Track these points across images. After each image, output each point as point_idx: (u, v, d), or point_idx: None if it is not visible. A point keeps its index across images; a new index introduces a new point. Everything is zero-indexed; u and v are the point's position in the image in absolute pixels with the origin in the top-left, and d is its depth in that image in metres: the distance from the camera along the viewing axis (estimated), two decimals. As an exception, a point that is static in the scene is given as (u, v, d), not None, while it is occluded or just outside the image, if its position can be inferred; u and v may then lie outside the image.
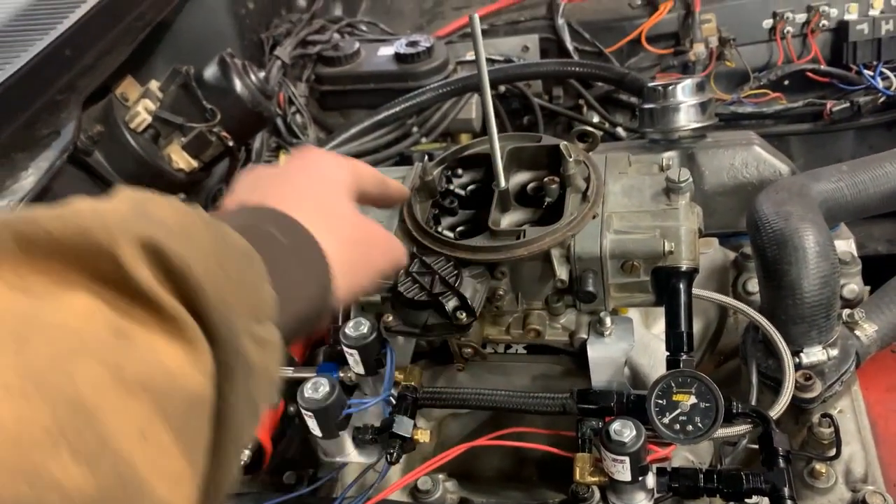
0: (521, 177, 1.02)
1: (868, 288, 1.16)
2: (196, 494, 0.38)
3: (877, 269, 1.19)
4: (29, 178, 1.00)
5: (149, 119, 1.22)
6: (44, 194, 1.04)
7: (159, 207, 0.42)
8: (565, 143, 0.95)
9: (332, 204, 0.63)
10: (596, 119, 1.81)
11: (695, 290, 0.93)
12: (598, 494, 0.95)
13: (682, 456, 1.02)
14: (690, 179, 0.91)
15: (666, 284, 0.90)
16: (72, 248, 0.36)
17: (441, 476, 1.02)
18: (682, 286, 0.89)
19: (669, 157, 0.99)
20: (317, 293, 0.55)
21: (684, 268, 0.89)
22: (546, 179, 0.97)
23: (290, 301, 0.50)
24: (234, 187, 0.65)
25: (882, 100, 1.70)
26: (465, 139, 1.74)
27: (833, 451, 0.94)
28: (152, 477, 0.34)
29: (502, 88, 1.80)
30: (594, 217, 0.92)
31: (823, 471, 0.94)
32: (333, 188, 0.65)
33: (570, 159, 0.92)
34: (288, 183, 0.62)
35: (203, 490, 0.39)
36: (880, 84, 1.70)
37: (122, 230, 0.37)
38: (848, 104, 1.71)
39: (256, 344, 0.43)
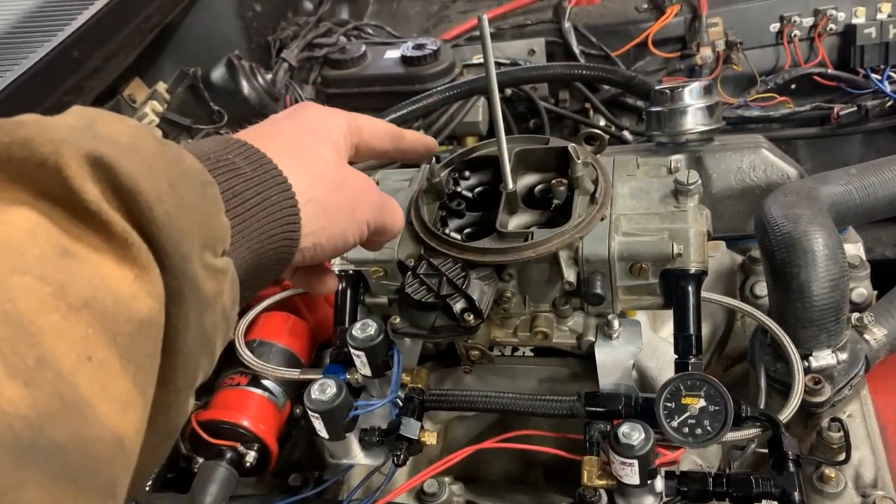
0: (528, 179, 1.02)
1: (876, 292, 1.16)
2: (143, 422, 0.37)
3: (884, 274, 1.19)
4: (36, 179, 1.00)
5: (156, 120, 1.22)
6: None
7: (109, 123, 0.40)
8: (573, 144, 0.95)
9: (311, 145, 0.59)
10: (602, 123, 1.81)
11: (703, 293, 0.92)
12: (605, 498, 0.95)
13: (690, 460, 1.01)
14: (699, 182, 0.90)
15: (674, 287, 0.90)
16: (14, 161, 0.35)
17: (447, 479, 1.02)
18: (690, 289, 0.89)
19: (677, 159, 0.98)
20: (281, 228, 0.51)
21: (693, 270, 0.88)
22: (554, 181, 0.97)
23: (250, 234, 0.48)
24: None
25: (889, 104, 1.69)
26: (471, 142, 1.74)
27: (842, 456, 0.93)
28: (96, 399, 0.33)
29: (508, 92, 1.80)
30: (602, 219, 0.91)
31: (833, 475, 0.93)
32: (317, 134, 0.61)
33: (579, 161, 0.92)
34: (269, 124, 0.60)
35: (151, 419, 0.38)
36: (888, 88, 1.69)
37: (68, 143, 0.35)
38: (855, 108, 1.70)
39: (209, 273, 0.41)
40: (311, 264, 0.62)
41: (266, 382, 1.10)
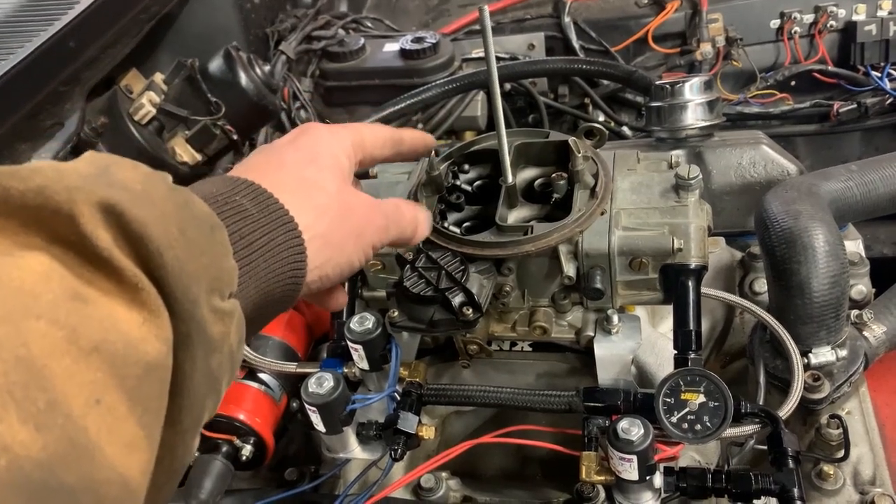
0: (528, 173, 1.02)
1: (874, 290, 1.16)
2: (150, 463, 0.37)
3: (883, 272, 1.19)
4: (32, 169, 1.00)
5: (153, 111, 1.21)
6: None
7: (122, 170, 0.41)
8: (574, 138, 0.94)
9: (315, 176, 0.60)
10: (601, 118, 1.80)
11: (703, 289, 0.92)
12: (602, 494, 0.95)
13: (688, 456, 1.01)
14: (700, 176, 0.90)
15: (674, 282, 0.89)
16: (30, 207, 0.35)
17: (444, 474, 1.02)
18: (690, 284, 0.88)
19: (678, 154, 0.97)
20: (287, 267, 0.53)
21: (693, 265, 0.88)
22: (554, 175, 0.96)
23: (257, 275, 0.49)
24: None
25: (889, 101, 1.69)
26: (469, 137, 1.73)
27: (841, 453, 0.93)
28: (104, 442, 0.34)
29: (507, 87, 1.79)
30: (602, 213, 0.91)
31: (831, 472, 0.93)
32: (321, 161, 0.62)
33: (579, 155, 0.91)
34: (274, 154, 0.61)
35: (158, 459, 0.38)
36: (888, 85, 1.69)
37: (81, 191, 0.36)
38: (855, 105, 1.70)
39: (216, 316, 0.42)
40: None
41: (262, 376, 1.10)
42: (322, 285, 0.59)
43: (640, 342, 0.92)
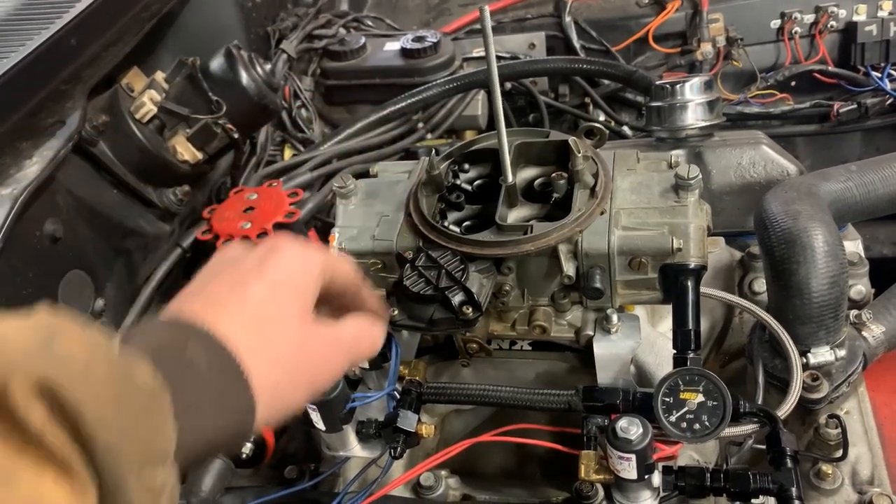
0: (528, 172, 1.02)
1: (873, 290, 1.16)
2: None
3: (882, 272, 1.19)
4: (33, 167, 1.00)
5: (154, 110, 1.21)
6: (48, 183, 1.03)
7: (68, 341, 0.41)
8: (574, 138, 0.94)
9: (276, 314, 0.58)
10: (602, 118, 1.80)
11: (702, 289, 0.92)
12: (601, 493, 0.95)
13: (687, 455, 1.01)
14: (700, 176, 0.90)
15: (674, 282, 0.90)
16: None
17: (444, 472, 1.02)
18: (690, 284, 0.89)
19: (678, 154, 0.98)
20: (234, 421, 0.52)
21: (692, 265, 0.88)
22: (554, 175, 0.96)
23: (201, 429, 0.49)
24: (202, 269, 0.62)
25: (889, 101, 1.69)
26: (470, 136, 1.73)
27: (839, 453, 0.93)
28: None
29: (508, 86, 1.79)
30: (602, 213, 0.91)
31: (830, 472, 0.93)
32: (285, 293, 0.59)
33: (579, 154, 0.91)
34: (237, 284, 0.58)
35: None
36: (888, 86, 1.69)
37: (18, 367, 0.37)
38: (855, 105, 1.70)
39: (148, 491, 0.42)
40: None
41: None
42: (269, 425, 0.58)
43: (640, 341, 0.92)
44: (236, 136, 1.26)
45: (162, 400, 0.45)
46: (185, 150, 1.24)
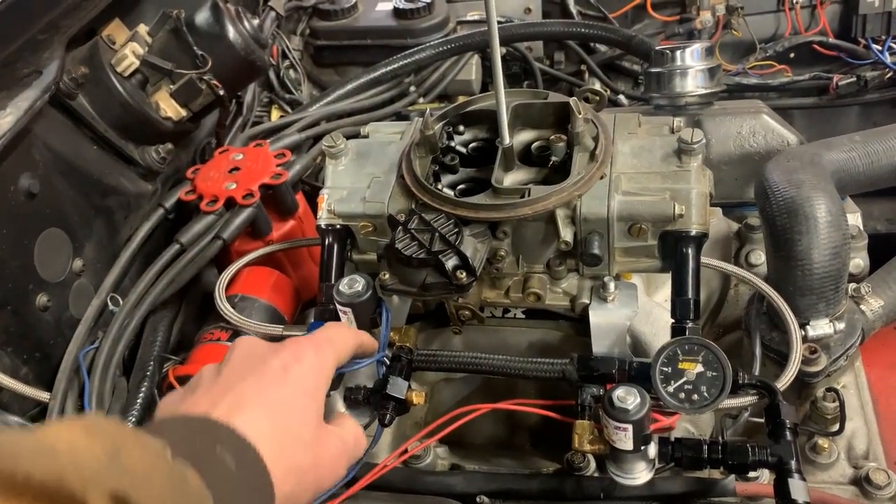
0: (525, 135, 0.98)
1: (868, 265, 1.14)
2: None
3: (877, 248, 1.17)
4: (7, 118, 0.95)
5: (136, 63, 1.16)
6: (23, 135, 0.98)
7: (131, 456, 0.47)
8: (574, 99, 0.91)
9: (297, 422, 0.64)
10: (598, 86, 1.75)
11: (703, 258, 0.89)
12: (593, 464, 0.93)
13: (682, 427, 0.99)
14: (703, 141, 0.87)
15: (673, 249, 0.87)
16: (48, 490, 0.41)
17: (432, 442, 1.00)
18: (690, 251, 0.86)
19: (679, 119, 0.95)
20: None
21: (694, 232, 0.86)
22: (552, 137, 0.93)
23: None
24: (226, 359, 0.69)
25: (889, 75, 1.67)
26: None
27: (836, 427, 0.92)
28: None
29: (503, 51, 1.75)
30: (602, 177, 0.88)
31: (826, 446, 0.92)
32: (307, 402, 0.66)
33: (580, 116, 0.88)
34: (263, 393, 0.64)
35: None
36: (888, 59, 1.66)
37: (94, 481, 0.42)
38: (854, 79, 1.68)
39: None
40: None
41: (247, 339, 1.07)
42: None
43: (637, 310, 0.90)
44: (222, 93, 1.21)
45: (207, 502, 0.51)
46: (168, 107, 1.20)
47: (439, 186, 0.94)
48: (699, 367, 0.78)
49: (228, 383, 0.65)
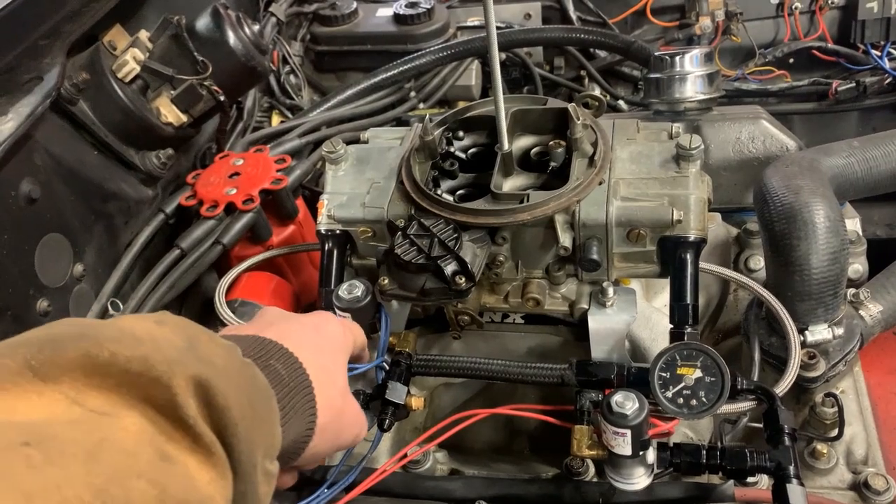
0: (524, 141, 0.99)
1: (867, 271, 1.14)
2: None
3: (876, 254, 1.17)
4: (8, 124, 0.95)
5: (137, 69, 1.16)
6: (24, 141, 0.99)
7: (208, 346, 0.49)
8: (573, 104, 0.91)
9: (331, 367, 0.67)
10: (597, 91, 1.77)
11: (701, 264, 0.90)
12: (592, 469, 0.93)
13: (680, 432, 0.99)
14: (702, 147, 0.87)
15: (672, 255, 0.87)
16: (132, 373, 0.42)
17: (431, 447, 1.00)
18: (689, 257, 0.86)
19: (678, 125, 0.95)
20: (299, 435, 0.60)
21: (692, 238, 0.86)
22: (551, 143, 0.93)
23: (287, 435, 0.56)
24: (260, 314, 0.72)
25: (888, 81, 1.67)
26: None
27: (835, 432, 0.92)
28: None
29: (503, 56, 1.75)
30: (601, 183, 0.88)
31: (825, 451, 0.92)
32: (336, 352, 0.71)
33: (579, 122, 0.88)
34: (305, 334, 0.67)
35: None
36: (887, 64, 1.67)
37: (179, 366, 0.44)
38: (853, 84, 1.68)
39: (266, 478, 0.50)
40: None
41: (247, 344, 1.07)
42: (300, 462, 0.65)
43: (636, 315, 0.90)
44: (222, 98, 1.22)
45: (273, 401, 0.53)
46: (169, 112, 1.20)
47: (438, 192, 0.94)
48: (698, 373, 0.78)
49: (269, 323, 0.68)
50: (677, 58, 1.27)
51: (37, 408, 0.40)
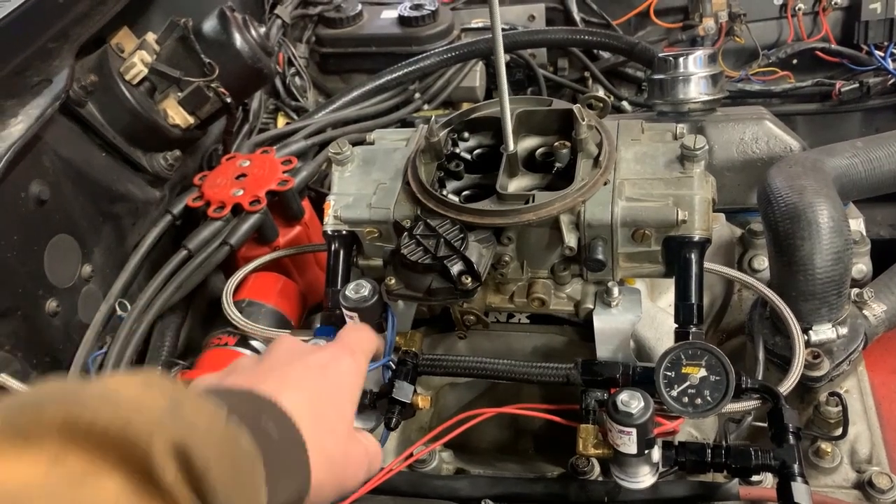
0: (530, 142, 0.99)
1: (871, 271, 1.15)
2: None
3: (880, 254, 1.18)
4: (18, 126, 0.96)
5: (145, 71, 1.17)
6: (34, 143, 1.00)
7: (192, 409, 0.48)
8: (578, 105, 0.92)
9: (332, 413, 0.66)
10: (601, 92, 1.77)
11: (705, 264, 0.90)
12: (597, 468, 0.94)
13: (686, 431, 1.00)
14: (706, 147, 0.88)
15: (677, 255, 0.88)
16: (112, 436, 0.42)
17: (437, 446, 1.00)
18: (693, 257, 0.87)
19: (683, 126, 0.95)
20: (294, 491, 0.59)
21: (697, 238, 0.86)
22: (556, 144, 0.94)
23: (274, 493, 0.54)
24: (269, 350, 0.71)
25: (892, 81, 1.67)
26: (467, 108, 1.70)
27: (839, 431, 0.92)
28: None
29: (507, 58, 1.75)
30: (606, 183, 0.89)
31: (829, 450, 0.92)
32: (343, 394, 0.69)
33: (584, 122, 0.89)
34: (308, 378, 0.67)
35: None
36: (890, 65, 1.67)
37: (159, 430, 0.43)
38: (857, 85, 1.68)
39: None
40: None
41: (254, 343, 1.08)
42: None
43: (641, 315, 0.90)
44: (229, 100, 1.23)
45: (259, 464, 0.52)
46: (176, 114, 1.21)
47: (444, 192, 0.95)
48: (702, 372, 0.79)
49: (271, 367, 0.67)
50: (681, 59, 1.28)
51: (16, 471, 0.40)
